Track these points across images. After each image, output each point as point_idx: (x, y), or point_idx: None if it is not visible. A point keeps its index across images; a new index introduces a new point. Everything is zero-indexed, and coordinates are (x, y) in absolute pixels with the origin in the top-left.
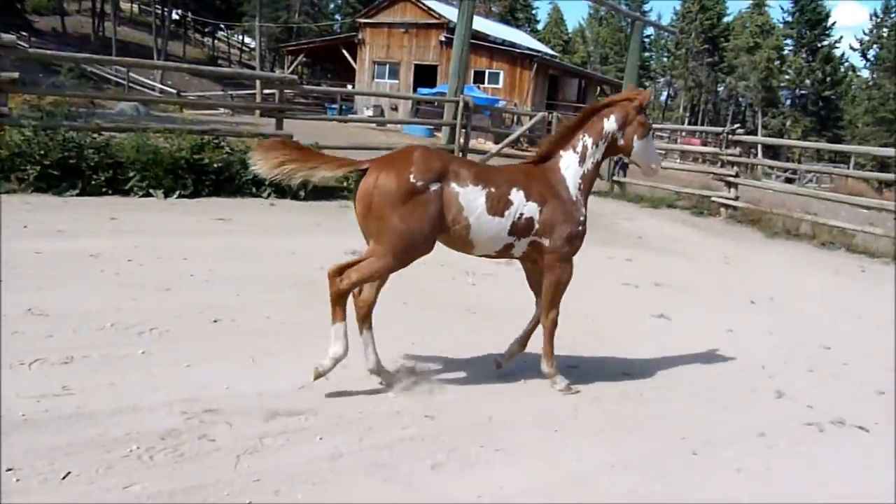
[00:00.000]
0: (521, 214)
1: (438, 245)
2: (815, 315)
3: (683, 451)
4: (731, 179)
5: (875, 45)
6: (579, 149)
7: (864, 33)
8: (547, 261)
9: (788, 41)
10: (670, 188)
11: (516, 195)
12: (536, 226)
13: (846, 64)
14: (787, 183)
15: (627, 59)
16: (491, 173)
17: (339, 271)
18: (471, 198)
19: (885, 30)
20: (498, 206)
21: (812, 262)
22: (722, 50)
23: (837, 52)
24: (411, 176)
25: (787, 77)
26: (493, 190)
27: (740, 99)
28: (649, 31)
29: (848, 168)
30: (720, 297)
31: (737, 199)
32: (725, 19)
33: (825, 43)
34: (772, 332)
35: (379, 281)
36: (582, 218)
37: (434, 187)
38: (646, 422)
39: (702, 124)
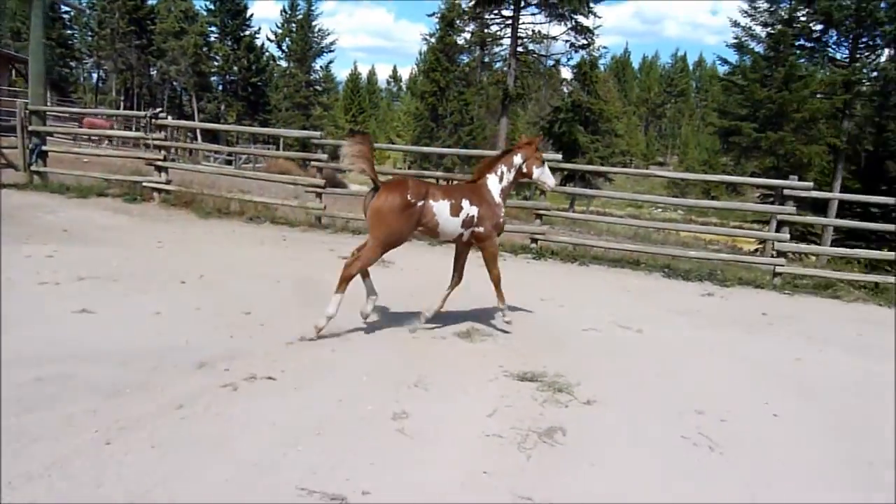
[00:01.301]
0: (468, 214)
1: None
2: (238, 285)
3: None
4: (161, 164)
5: (287, 38)
6: (499, 173)
7: (277, 26)
8: (482, 241)
9: (213, 28)
10: (98, 175)
11: (465, 203)
12: (476, 220)
13: (267, 54)
14: (227, 165)
15: (31, 36)
16: (450, 191)
17: (349, 263)
18: (441, 208)
19: (293, 25)
20: (455, 211)
21: (240, 236)
22: (150, 33)
23: (259, 42)
24: (409, 195)
25: (216, 63)
26: (453, 202)
27: (174, 83)
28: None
29: (277, 149)
30: (150, 282)
31: (168, 182)
32: (150, 2)
33: (246, 33)
34: (199, 308)
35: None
36: (502, 214)
37: (420, 203)
38: None
39: (138, 108)
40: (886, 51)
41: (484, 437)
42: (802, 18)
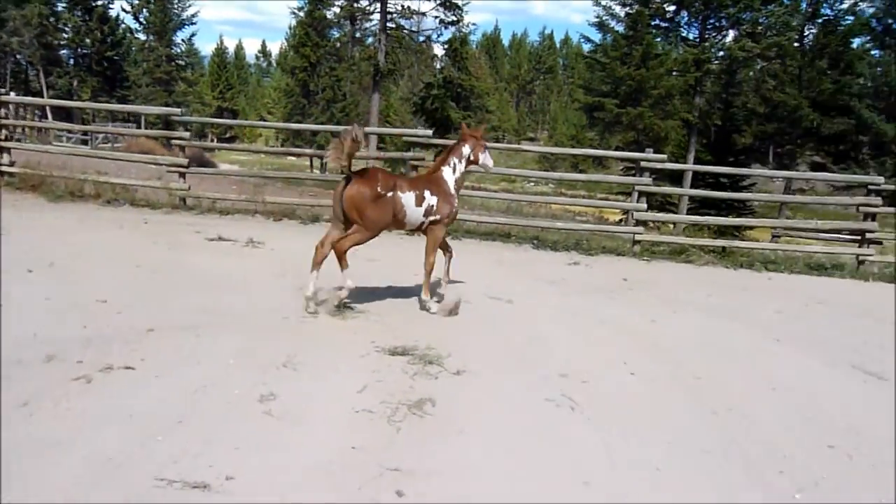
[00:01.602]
0: (429, 204)
1: None
2: (93, 272)
3: None
4: (3, 144)
5: (144, 9)
6: (452, 165)
7: None
8: (433, 227)
9: None
10: None
11: (427, 193)
12: (434, 209)
13: (123, 26)
14: (83, 145)
15: None
16: (415, 182)
17: (338, 240)
18: (408, 199)
19: None
20: (419, 201)
21: (96, 220)
22: None
23: (113, 13)
24: (378, 187)
25: (65, 35)
26: (417, 192)
27: (17, 56)
28: None
29: (139, 127)
30: None
31: (12, 164)
32: None
33: (99, 3)
34: (49, 298)
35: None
36: (455, 203)
37: (390, 195)
38: None
39: None
40: (731, 32)
41: (353, 414)
42: None
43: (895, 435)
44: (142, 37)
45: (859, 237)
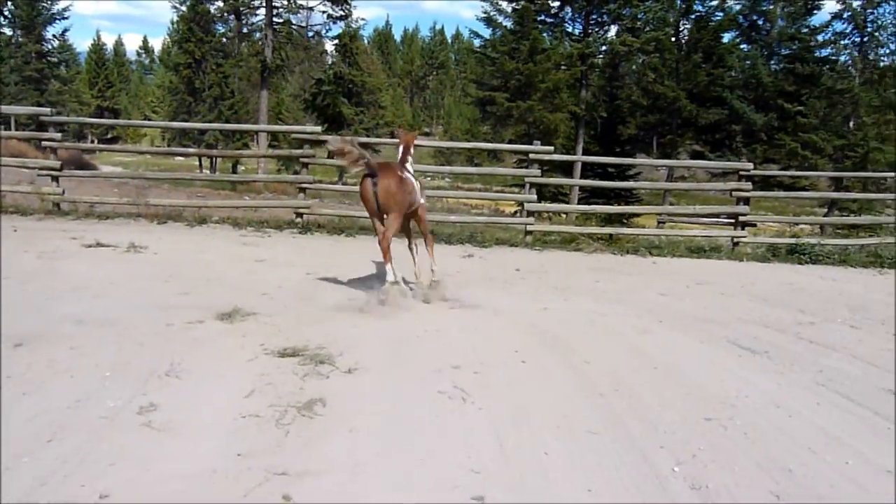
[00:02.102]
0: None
1: None
2: None
3: None
4: None
5: (9, 2)
6: (408, 165)
7: None
8: (421, 208)
9: None
10: None
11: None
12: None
13: None
14: None
15: None
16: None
17: (382, 234)
18: (412, 182)
19: None
20: (418, 185)
21: None
22: None
23: None
24: (399, 173)
25: None
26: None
27: None
28: None
29: (8, 129)
30: None
31: None
32: None
33: None
34: None
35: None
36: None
37: (406, 177)
38: None
39: None
40: (613, 27)
41: (240, 419)
42: None
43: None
44: (8, 32)
45: (734, 220)
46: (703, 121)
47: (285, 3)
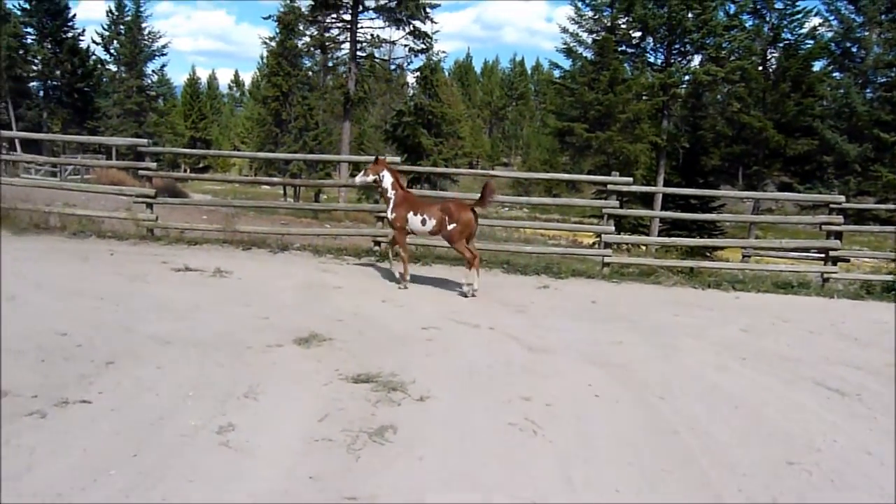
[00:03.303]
0: None
1: None
2: (53, 305)
3: None
4: None
5: (115, 41)
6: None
7: (104, 28)
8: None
9: (30, 29)
10: None
11: None
12: None
13: (94, 57)
14: (51, 176)
15: None
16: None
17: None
18: None
19: (122, 27)
20: None
21: (60, 252)
22: None
23: (84, 45)
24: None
25: (35, 68)
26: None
27: None
28: None
29: (109, 159)
30: None
31: None
32: None
33: (69, 35)
34: (7, 332)
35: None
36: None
37: None
38: None
39: None
40: (696, 56)
41: (313, 443)
42: (623, 26)
43: (857, 451)
44: (112, 68)
45: (824, 255)
46: (792, 151)
47: (369, 37)
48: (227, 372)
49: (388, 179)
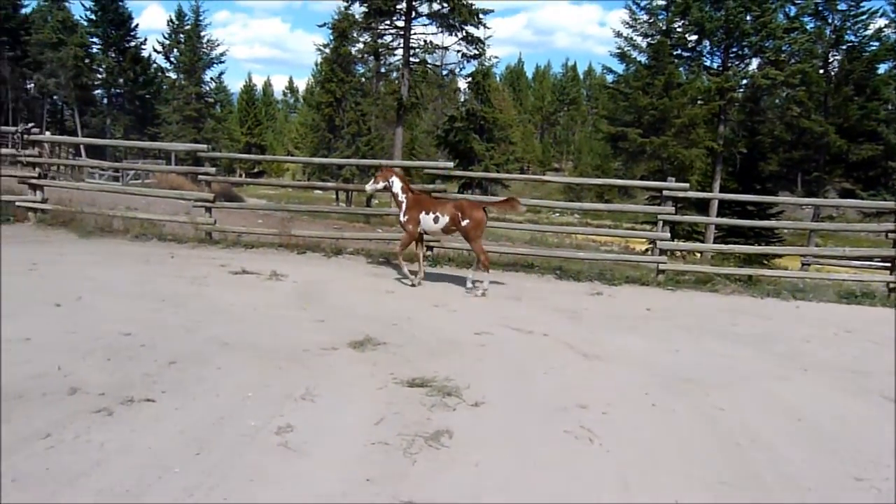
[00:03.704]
0: None
1: None
2: (118, 306)
3: None
4: (35, 181)
5: (175, 49)
6: None
7: (165, 37)
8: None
9: (95, 39)
10: None
11: None
12: None
13: (155, 65)
14: (114, 181)
15: None
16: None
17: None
18: None
19: (182, 35)
20: None
21: (124, 255)
22: (25, 44)
23: (145, 53)
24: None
25: (99, 76)
26: None
27: (54, 97)
28: None
29: (169, 164)
30: (21, 307)
31: (45, 201)
32: (23, 11)
33: (132, 44)
34: (74, 331)
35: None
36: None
37: None
38: None
39: (14, 125)
40: (755, 60)
41: (369, 446)
42: (679, 29)
43: None
44: (172, 76)
45: (890, 264)
46: (855, 157)
47: (422, 43)
48: (284, 374)
49: (397, 184)
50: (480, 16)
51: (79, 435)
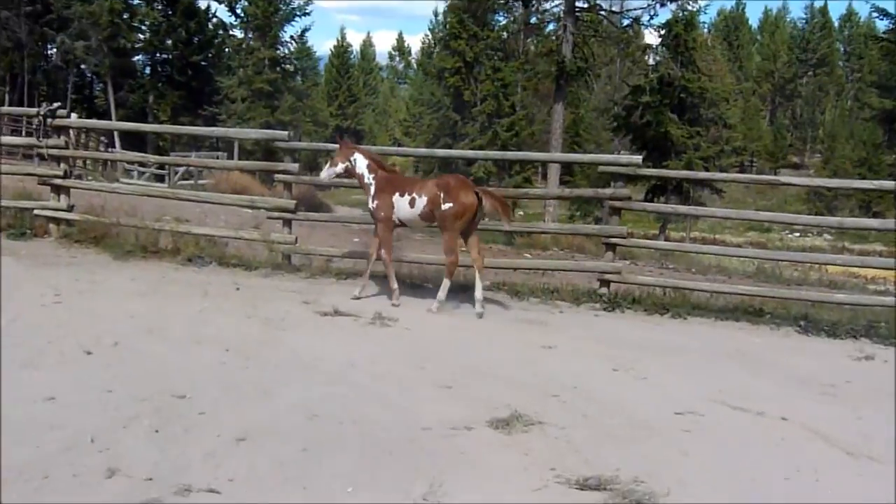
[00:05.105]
0: None
1: None
2: (168, 357)
3: None
4: (60, 182)
5: None
6: None
7: None
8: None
9: None
10: None
11: None
12: None
13: (215, 20)
14: (157, 181)
15: None
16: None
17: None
18: None
19: None
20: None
21: (174, 284)
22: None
23: (203, 5)
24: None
25: (142, 37)
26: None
27: (82, 66)
28: None
29: (230, 157)
30: (42, 353)
31: (71, 209)
32: None
33: None
34: (111, 390)
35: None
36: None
37: None
38: None
39: (29, 103)
40: None
41: None
42: None
43: None
44: (238, 34)
45: None
46: None
47: None
48: (397, 461)
49: (361, 163)
50: None
51: None
